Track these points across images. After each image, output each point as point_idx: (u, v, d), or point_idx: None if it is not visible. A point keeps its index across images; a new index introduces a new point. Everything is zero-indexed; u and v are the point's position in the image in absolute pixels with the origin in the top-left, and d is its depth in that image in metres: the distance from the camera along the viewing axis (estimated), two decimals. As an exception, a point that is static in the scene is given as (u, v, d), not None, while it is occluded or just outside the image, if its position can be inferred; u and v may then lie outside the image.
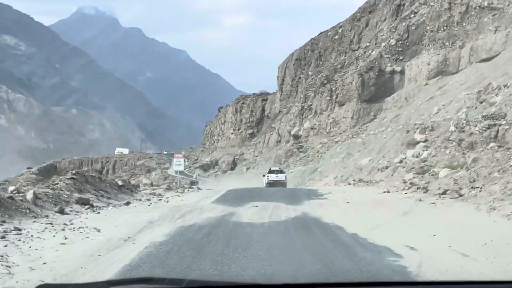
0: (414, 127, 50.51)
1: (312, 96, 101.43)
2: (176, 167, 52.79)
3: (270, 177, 59.63)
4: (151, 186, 44.72)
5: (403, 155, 43.40)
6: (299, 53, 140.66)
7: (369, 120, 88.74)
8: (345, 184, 43.78)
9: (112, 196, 26.90)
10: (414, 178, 31.87)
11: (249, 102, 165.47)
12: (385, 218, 20.46)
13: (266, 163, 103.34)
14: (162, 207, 24.96)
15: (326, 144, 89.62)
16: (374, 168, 44.58)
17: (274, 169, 63.07)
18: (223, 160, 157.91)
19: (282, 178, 59.40)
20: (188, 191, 36.10)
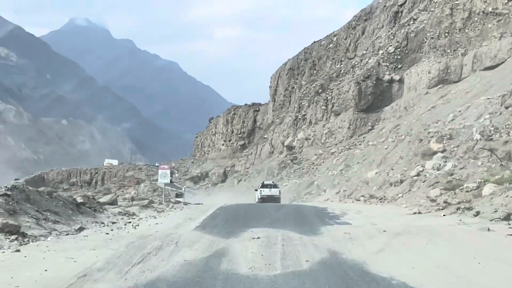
0: (428, 136, 45.56)
1: (307, 105, 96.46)
2: (161, 179, 47.63)
3: (263, 191, 54.84)
4: (132, 200, 39.44)
5: (419, 167, 38.19)
6: (292, 62, 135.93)
7: (367, 131, 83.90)
8: (352, 201, 38.40)
9: (62, 219, 20.55)
10: (443, 195, 26.73)
11: (241, 112, 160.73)
12: (477, 267, 12.96)
13: (258, 175, 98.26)
14: (124, 237, 18.58)
15: (321, 155, 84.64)
16: (384, 182, 39.44)
17: (267, 183, 58.13)
18: (213, 172, 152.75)
19: (276, 192, 54.61)
20: (173, 207, 30.96)
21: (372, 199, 35.89)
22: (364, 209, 29.35)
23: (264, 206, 32.09)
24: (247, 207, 32.02)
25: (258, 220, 22.94)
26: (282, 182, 77.98)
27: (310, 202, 48.62)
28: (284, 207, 32.08)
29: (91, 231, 20.25)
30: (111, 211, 26.45)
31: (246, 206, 34.40)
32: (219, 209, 28.86)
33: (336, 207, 31.80)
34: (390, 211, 27.72)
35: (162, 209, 28.92)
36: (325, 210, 28.87)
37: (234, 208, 29.84)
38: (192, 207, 33.20)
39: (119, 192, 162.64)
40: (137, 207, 27.78)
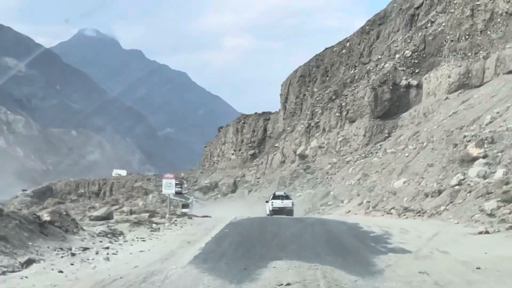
0: (464, 140, 41.19)
1: (320, 112, 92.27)
2: (166, 190, 43.58)
3: (275, 203, 50.85)
4: (130, 214, 35.37)
5: (460, 175, 33.76)
6: (303, 69, 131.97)
7: (383, 138, 79.69)
8: (382, 214, 33.65)
9: (9, 246, 14.91)
10: (501, 208, 22.43)
11: (251, 121, 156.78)
12: None
13: (269, 186, 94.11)
14: (79, 280, 13.28)
15: (336, 164, 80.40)
16: (418, 192, 35.03)
17: (278, 194, 54.04)
18: (223, 182, 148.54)
19: (288, 204, 50.58)
20: (175, 222, 26.80)
21: (408, 212, 31.15)
22: (407, 226, 24.46)
23: (282, 221, 26.67)
24: (261, 223, 27.12)
25: (280, 244, 17.72)
26: (295, 193, 73.79)
27: (329, 214, 44.36)
28: (306, 222, 27.19)
29: (44, 264, 14.69)
30: (92, 231, 21.35)
31: (259, 220, 29.97)
32: (228, 226, 24.17)
33: (369, 222, 27.26)
34: (441, 228, 22.65)
35: (158, 226, 23.51)
36: (359, 228, 23.95)
37: (246, 224, 25.22)
38: (196, 221, 28.74)
39: (126, 203, 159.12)
40: (128, 224, 22.89)
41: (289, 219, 27.24)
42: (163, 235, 20.43)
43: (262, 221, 27.56)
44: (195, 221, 28.03)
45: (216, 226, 22.91)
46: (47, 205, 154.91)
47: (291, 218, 28.24)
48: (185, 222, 26.79)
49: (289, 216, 49.63)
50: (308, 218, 34.80)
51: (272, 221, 26.02)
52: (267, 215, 51.15)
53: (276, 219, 28.17)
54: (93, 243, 18.77)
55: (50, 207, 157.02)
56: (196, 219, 31.65)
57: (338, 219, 29.37)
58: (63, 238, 18.71)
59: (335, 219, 29.65)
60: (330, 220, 28.36)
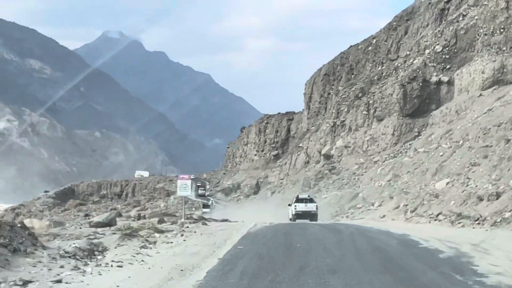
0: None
1: (346, 111, 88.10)
2: (181, 192, 39.91)
3: (298, 207, 47.18)
4: (138, 219, 31.68)
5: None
6: (327, 68, 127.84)
7: (413, 137, 75.39)
8: (428, 221, 28.46)
9: None
10: None
11: (274, 121, 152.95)
12: None
13: (293, 187, 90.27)
14: None
15: (363, 164, 76.26)
16: (470, 195, 30.67)
17: (302, 197, 50.14)
18: (245, 184, 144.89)
19: (312, 208, 46.85)
20: (183, 230, 22.96)
21: (463, 220, 26.25)
22: (476, 239, 18.90)
23: (311, 230, 21.10)
24: (286, 233, 22.22)
25: (316, 274, 12.33)
26: (320, 194, 69.88)
27: (360, 218, 40.28)
28: (343, 234, 21.77)
29: None
30: (61, 248, 15.62)
31: (283, 229, 25.03)
32: (245, 238, 19.12)
33: (420, 233, 21.73)
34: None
35: (155, 240, 18.04)
36: (415, 243, 18.15)
37: (267, 236, 19.99)
38: (210, 229, 24.43)
39: (148, 204, 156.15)
40: (118, 235, 18.07)
41: (320, 228, 22.82)
42: (154, 255, 14.84)
43: (287, 230, 22.61)
44: (208, 229, 23.85)
45: (229, 239, 18.40)
46: (68, 207, 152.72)
47: (321, 226, 23.90)
48: (195, 231, 22.39)
49: (314, 222, 46.03)
50: (339, 224, 30.33)
51: (299, 231, 21.19)
52: (290, 220, 47.68)
53: (304, 228, 23.45)
54: (48, 270, 13.61)
55: (72, 208, 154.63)
56: (211, 225, 27.77)
57: (378, 228, 24.45)
58: (5, 263, 13.84)
59: (374, 228, 24.71)
60: (370, 230, 23.26)
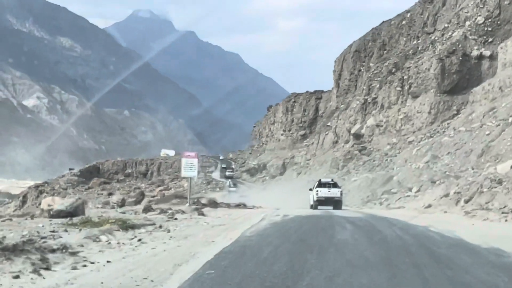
0: None
1: (378, 87, 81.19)
2: (186, 172, 33.74)
3: (320, 192, 41.17)
4: (120, 206, 25.67)
5: None
6: (358, 44, 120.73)
7: (451, 116, 68.53)
8: (501, 218, 20.18)
9: None
10: None
11: (301, 100, 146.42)
12: None
13: (320, 168, 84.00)
14: None
15: (396, 145, 69.63)
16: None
17: (325, 181, 43.98)
18: (271, 164, 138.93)
19: (336, 194, 40.67)
20: (170, 222, 17.01)
21: None
22: None
23: (343, 242, 14.59)
24: (301, 241, 14.70)
25: None
26: (349, 177, 63.63)
27: (399, 208, 33.62)
28: (391, 246, 13.43)
29: None
30: None
31: (298, 230, 17.66)
32: (233, 246, 12.66)
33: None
34: None
35: (118, 241, 12.04)
36: None
37: (269, 249, 12.24)
38: (193, 228, 17.55)
39: (172, 184, 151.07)
40: (83, 233, 11.48)
41: (353, 229, 16.45)
42: (100, 269, 9.22)
43: (302, 234, 15.49)
44: (193, 227, 17.45)
45: (201, 253, 11.36)
46: (92, 185, 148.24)
47: (353, 225, 17.45)
48: (172, 228, 15.85)
49: (338, 210, 39.91)
50: (377, 219, 22.36)
51: (321, 237, 14.88)
52: (311, 207, 41.79)
53: (328, 229, 17.06)
54: None
55: (96, 186, 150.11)
56: (209, 217, 21.67)
57: (440, 231, 16.31)
58: None
59: (433, 230, 16.45)
60: (430, 235, 15.10)
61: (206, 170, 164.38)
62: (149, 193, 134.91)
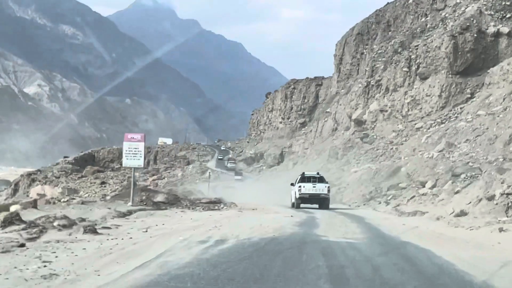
0: None
1: (382, 68, 71.90)
2: (127, 161, 24.89)
3: (304, 188, 33.84)
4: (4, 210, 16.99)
5: None
6: (361, 26, 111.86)
7: (465, 100, 59.61)
8: None
9: None
10: None
11: (301, 87, 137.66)
12: None
13: (317, 158, 75.30)
14: None
15: (402, 132, 60.71)
16: None
17: (309, 175, 36.18)
18: (269, 153, 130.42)
19: (322, 190, 33.59)
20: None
21: None
22: None
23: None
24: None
25: None
26: (349, 167, 54.94)
27: (417, 214, 24.01)
28: None
29: None
30: None
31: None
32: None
33: None
34: None
35: None
36: None
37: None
38: (76, 251, 9.81)
39: (165, 173, 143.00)
40: None
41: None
42: None
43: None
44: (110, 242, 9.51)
45: None
46: (85, 174, 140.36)
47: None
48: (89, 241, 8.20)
49: (324, 210, 31.98)
50: (392, 252, 12.93)
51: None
52: (292, 205, 34.46)
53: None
54: None
55: (89, 175, 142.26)
56: (137, 225, 13.42)
57: None
58: None
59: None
60: None
61: (202, 159, 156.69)
62: (142, 182, 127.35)
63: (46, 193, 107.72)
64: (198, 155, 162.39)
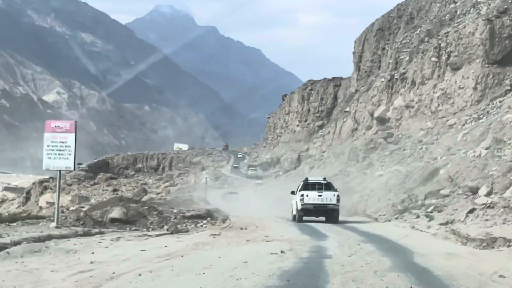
0: None
1: (407, 60, 63.29)
2: (49, 160, 16.78)
3: (307, 197, 26.87)
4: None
5: None
6: (381, 21, 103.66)
7: (504, 92, 51.13)
8: None
9: None
10: None
11: (319, 88, 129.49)
12: None
13: (335, 161, 67.22)
14: None
15: (432, 129, 52.28)
16: None
17: (314, 181, 29.10)
18: (285, 158, 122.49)
19: (330, 199, 26.62)
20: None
21: None
22: None
23: None
24: None
25: None
26: (372, 171, 46.87)
27: (501, 246, 15.77)
28: None
29: None
30: None
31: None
32: None
33: None
34: None
35: None
36: None
37: None
38: None
39: (178, 180, 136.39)
40: None
41: None
42: None
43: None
44: None
45: None
46: (98, 181, 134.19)
47: None
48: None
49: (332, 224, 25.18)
50: None
51: None
52: (293, 218, 27.85)
53: None
54: None
55: (102, 182, 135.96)
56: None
57: None
58: None
59: None
60: None
61: (216, 164, 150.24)
62: (154, 189, 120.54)
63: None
64: (212, 161, 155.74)
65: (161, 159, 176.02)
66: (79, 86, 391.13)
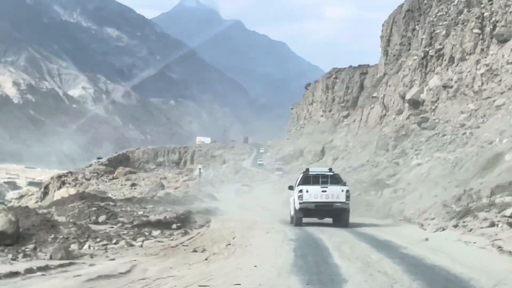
0: None
1: (444, 34, 54.58)
2: None
3: (307, 193, 20.32)
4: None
5: None
6: (411, 2, 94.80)
7: (561, 67, 42.35)
8: None
9: None
10: None
11: (344, 76, 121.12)
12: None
13: (362, 151, 59.01)
14: None
15: (476, 112, 43.74)
16: None
17: (316, 173, 22.10)
18: (309, 150, 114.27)
19: (337, 195, 19.91)
20: None
21: None
22: None
23: None
24: None
25: None
26: (406, 160, 38.76)
27: None
28: None
29: None
30: None
31: None
32: None
33: None
34: None
35: None
36: None
37: None
38: None
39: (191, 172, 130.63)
40: None
41: None
42: None
43: None
44: None
45: None
46: (117, 175, 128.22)
47: None
48: None
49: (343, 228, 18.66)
50: None
51: None
52: (291, 220, 21.62)
53: None
54: None
55: (120, 176, 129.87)
56: None
57: None
58: None
59: None
60: None
61: (237, 158, 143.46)
62: (173, 184, 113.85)
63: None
64: (233, 154, 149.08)
65: (182, 153, 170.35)
66: (105, 80, 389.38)
